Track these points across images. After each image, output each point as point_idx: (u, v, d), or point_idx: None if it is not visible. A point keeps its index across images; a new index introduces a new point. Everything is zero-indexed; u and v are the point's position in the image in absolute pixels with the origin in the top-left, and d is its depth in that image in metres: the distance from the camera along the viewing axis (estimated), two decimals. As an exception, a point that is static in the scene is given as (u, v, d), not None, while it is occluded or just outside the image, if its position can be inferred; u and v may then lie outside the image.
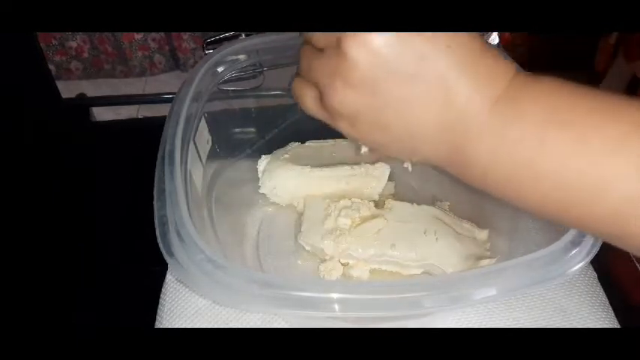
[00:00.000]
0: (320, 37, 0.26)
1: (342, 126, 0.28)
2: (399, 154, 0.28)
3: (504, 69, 0.26)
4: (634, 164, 0.22)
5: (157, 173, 0.35)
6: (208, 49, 0.47)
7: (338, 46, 0.25)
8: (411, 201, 0.46)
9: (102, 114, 1.10)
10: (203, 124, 0.42)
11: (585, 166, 0.23)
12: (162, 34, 1.60)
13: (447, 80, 0.24)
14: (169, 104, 0.40)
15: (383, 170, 0.48)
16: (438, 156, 0.27)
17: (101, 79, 1.67)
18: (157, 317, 0.43)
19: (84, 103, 1.03)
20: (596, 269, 0.45)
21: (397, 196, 0.49)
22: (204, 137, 0.43)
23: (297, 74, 0.29)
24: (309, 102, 0.28)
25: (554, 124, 0.24)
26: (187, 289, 0.43)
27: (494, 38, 0.55)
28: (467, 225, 0.45)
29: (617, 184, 0.23)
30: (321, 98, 0.27)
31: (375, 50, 0.24)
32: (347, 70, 0.25)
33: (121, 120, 1.22)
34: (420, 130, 0.26)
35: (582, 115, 0.23)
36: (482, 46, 0.26)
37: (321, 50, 0.26)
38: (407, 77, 0.24)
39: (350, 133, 0.28)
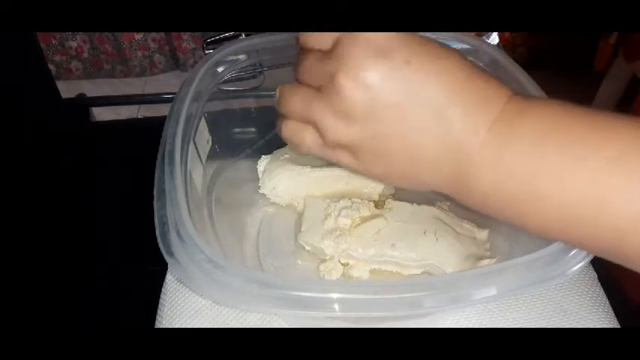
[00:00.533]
0: (311, 74, 0.27)
1: (345, 160, 0.29)
2: (403, 182, 0.29)
3: (498, 92, 0.26)
4: (632, 182, 0.22)
5: (156, 173, 0.35)
6: (208, 49, 0.47)
7: (333, 85, 0.26)
8: (411, 201, 0.46)
9: (102, 114, 1.10)
10: (203, 124, 0.42)
11: (584, 185, 0.23)
12: (162, 34, 1.61)
13: (440, 107, 0.25)
14: (169, 104, 0.40)
15: (383, 170, 0.48)
16: (440, 182, 0.27)
17: (101, 79, 1.68)
18: (157, 317, 0.43)
19: (84, 103, 1.03)
20: (596, 269, 0.45)
21: (397, 196, 0.49)
22: (204, 137, 0.43)
23: (284, 117, 0.30)
24: (310, 144, 0.29)
25: (552, 144, 0.24)
26: (187, 289, 0.43)
27: (494, 38, 0.55)
28: (467, 225, 0.45)
29: (616, 202, 0.23)
30: (323, 136, 0.28)
31: (369, 86, 0.25)
32: (347, 108, 0.26)
33: (121, 120, 1.22)
34: (421, 156, 0.26)
35: (579, 135, 0.24)
36: (473, 70, 0.26)
37: (309, 85, 0.28)
38: (402, 107, 0.25)
39: (354, 166, 0.29)
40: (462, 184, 0.26)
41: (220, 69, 0.44)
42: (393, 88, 0.25)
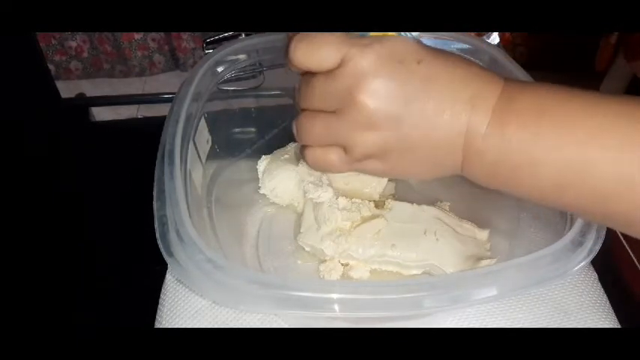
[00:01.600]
0: (324, 98, 0.28)
1: (373, 166, 0.30)
2: (426, 171, 0.31)
3: (495, 78, 0.29)
4: (613, 149, 0.25)
5: (156, 173, 0.35)
6: (208, 49, 0.47)
7: (352, 102, 0.27)
8: (411, 201, 0.46)
9: (101, 114, 1.10)
10: (203, 124, 0.42)
11: (572, 153, 0.26)
12: (162, 34, 1.60)
13: (453, 94, 0.28)
14: (169, 104, 0.40)
15: (383, 170, 0.48)
16: (455, 161, 0.29)
17: (100, 78, 1.67)
18: (157, 317, 0.43)
19: (83, 103, 1.03)
20: (596, 270, 0.45)
21: (397, 196, 0.49)
22: (204, 137, 0.43)
23: (305, 145, 0.31)
24: (337, 163, 0.30)
25: (545, 118, 0.27)
26: (187, 289, 0.43)
27: (494, 38, 0.55)
28: (467, 225, 0.45)
29: (600, 166, 0.26)
30: (348, 152, 0.29)
31: (389, 94, 0.27)
32: (371, 119, 0.27)
33: (121, 120, 1.22)
34: (439, 141, 0.28)
35: (568, 110, 0.27)
36: (470, 62, 0.29)
37: (325, 112, 0.29)
38: (421, 102, 0.27)
39: (381, 169, 0.30)
40: (473, 161, 0.28)
41: (220, 69, 0.44)
42: (411, 88, 0.27)
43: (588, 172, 0.26)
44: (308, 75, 0.29)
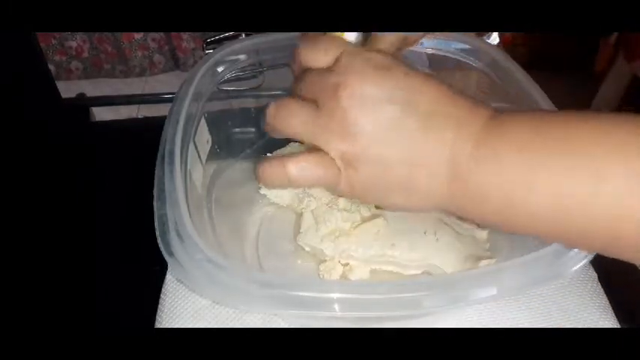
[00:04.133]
0: (313, 87, 0.29)
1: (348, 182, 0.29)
2: (401, 194, 0.29)
3: (483, 105, 0.28)
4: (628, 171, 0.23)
5: (156, 173, 0.35)
6: (208, 49, 0.47)
7: (335, 97, 0.27)
8: (411, 201, 0.46)
9: (102, 114, 1.10)
10: (203, 124, 0.42)
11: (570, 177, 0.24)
12: (162, 34, 1.61)
13: (435, 115, 0.27)
14: (169, 104, 0.40)
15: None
16: (441, 188, 0.27)
17: (101, 78, 1.68)
18: (157, 317, 0.43)
19: (84, 103, 1.03)
20: (596, 270, 0.45)
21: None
22: (204, 137, 0.43)
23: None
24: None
25: (539, 144, 0.25)
26: (187, 289, 0.43)
27: (494, 38, 0.55)
28: (467, 225, 0.45)
29: (608, 190, 0.23)
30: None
31: (369, 96, 0.27)
32: (344, 121, 0.27)
33: (121, 120, 1.22)
34: (420, 159, 0.27)
35: (565, 134, 0.25)
36: (454, 89, 0.28)
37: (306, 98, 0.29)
38: (401, 115, 0.27)
39: (353, 185, 0.29)
40: (460, 185, 0.27)
41: (220, 69, 0.44)
42: (394, 95, 0.27)
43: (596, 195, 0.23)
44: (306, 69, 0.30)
